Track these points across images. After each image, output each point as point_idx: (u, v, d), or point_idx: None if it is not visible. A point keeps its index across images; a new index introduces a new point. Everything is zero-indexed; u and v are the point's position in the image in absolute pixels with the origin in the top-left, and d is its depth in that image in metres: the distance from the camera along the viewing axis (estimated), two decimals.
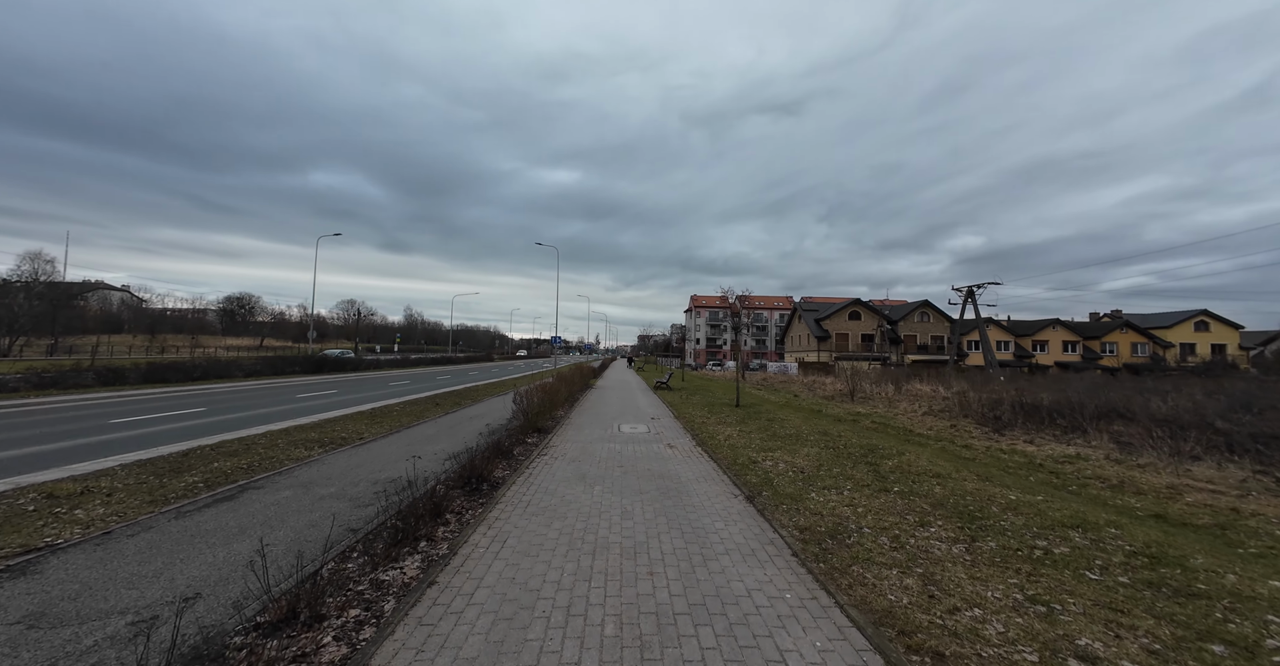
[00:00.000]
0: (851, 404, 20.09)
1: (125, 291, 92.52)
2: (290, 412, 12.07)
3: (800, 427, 10.45)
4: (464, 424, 10.81)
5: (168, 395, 15.22)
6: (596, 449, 7.98)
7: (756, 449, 8.03)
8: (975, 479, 6.28)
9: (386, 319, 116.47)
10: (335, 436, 8.68)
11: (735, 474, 6.39)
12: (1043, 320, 55.03)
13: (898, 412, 16.40)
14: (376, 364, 36.00)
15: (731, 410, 13.95)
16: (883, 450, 7.94)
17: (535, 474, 6.28)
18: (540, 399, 9.94)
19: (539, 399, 9.85)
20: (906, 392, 26.03)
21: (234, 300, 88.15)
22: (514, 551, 3.82)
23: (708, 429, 10.27)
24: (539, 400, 9.83)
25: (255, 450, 7.34)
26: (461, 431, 9.75)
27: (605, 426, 10.45)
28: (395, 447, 7.99)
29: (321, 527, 4.28)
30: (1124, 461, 8.21)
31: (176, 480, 5.64)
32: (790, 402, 18.49)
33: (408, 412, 12.24)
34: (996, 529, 4.40)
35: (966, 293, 34.39)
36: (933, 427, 12.17)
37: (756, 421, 11.44)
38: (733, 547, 3.96)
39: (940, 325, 57.36)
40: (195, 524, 4.30)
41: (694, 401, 16.47)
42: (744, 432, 9.74)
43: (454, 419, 11.55)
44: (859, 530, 4.32)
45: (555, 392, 12.54)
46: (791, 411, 14.50)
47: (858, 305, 57.72)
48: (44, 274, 71.57)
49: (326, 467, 6.49)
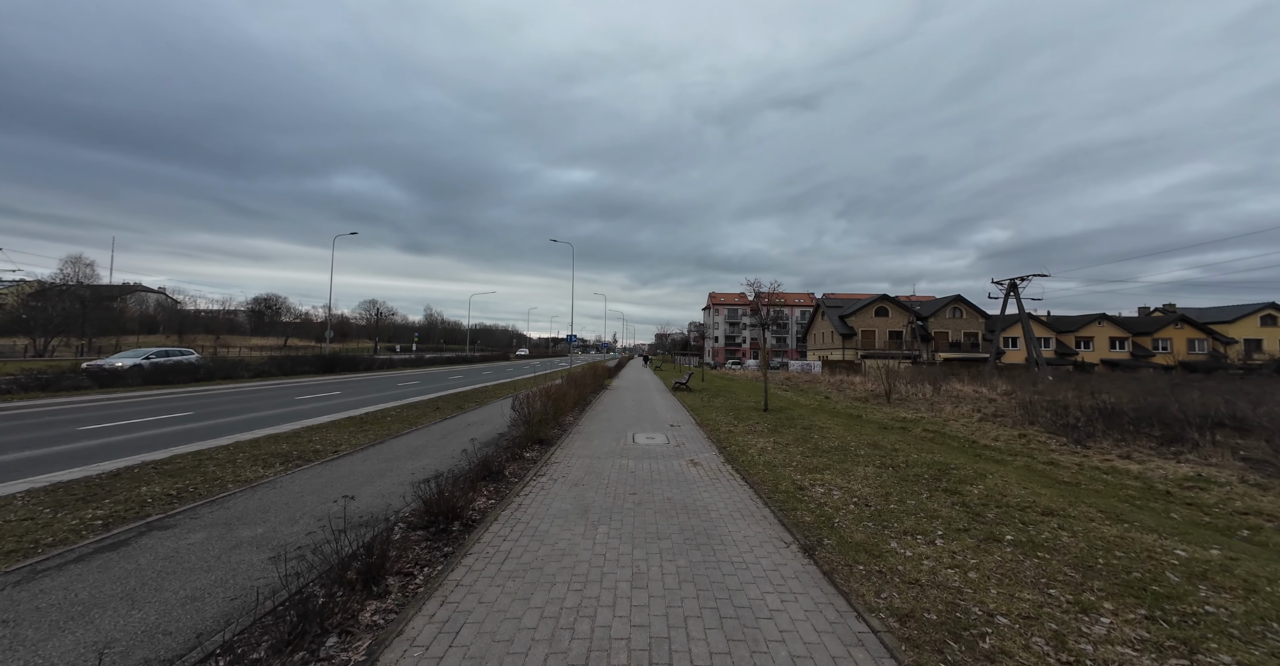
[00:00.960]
0: (890, 407, 18.35)
1: (161, 293, 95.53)
2: (281, 417, 11.08)
3: (844, 438, 8.94)
4: (459, 432, 9.61)
5: (161, 398, 14.49)
6: (605, 467, 6.65)
7: (799, 468, 6.58)
8: (1103, 517, 4.73)
9: (407, 319, 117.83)
10: (307, 449, 7.55)
11: (780, 506, 4.97)
12: (1087, 315, 51.69)
13: (947, 417, 14.67)
14: (390, 363, 35.46)
15: (760, 415, 12.47)
16: (957, 471, 6.40)
17: (526, 504, 4.97)
18: (544, 405, 8.66)
19: (541, 405, 8.56)
20: (947, 394, 24.05)
21: (261, 301, 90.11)
22: (465, 657, 2.51)
23: (736, 439, 8.85)
24: (542, 406, 8.55)
25: (204, 469, 6.23)
26: (454, 442, 8.54)
27: (618, 436, 9.11)
28: (369, 465, 6.80)
29: (205, 603, 3.03)
30: (1270, 486, 6.49)
31: (75, 513, 4.51)
32: (823, 406, 16.89)
33: (402, 418, 11.12)
34: (1215, 625, 2.87)
35: (1008, 286, 31.95)
36: (998, 438, 10.49)
37: (791, 430, 9.95)
38: (802, 654, 2.56)
39: (974, 321, 54.46)
40: (31, 596, 3.09)
41: (716, 405, 15.03)
42: (780, 445, 8.28)
43: (450, 426, 10.37)
44: (988, 619, 2.86)
45: (563, 396, 11.27)
46: (827, 416, 12.94)
47: (885, 301, 55.27)
48: (84, 277, 74.14)
49: (273, 494, 5.31)
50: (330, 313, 50.97)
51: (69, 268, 71.44)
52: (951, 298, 55.05)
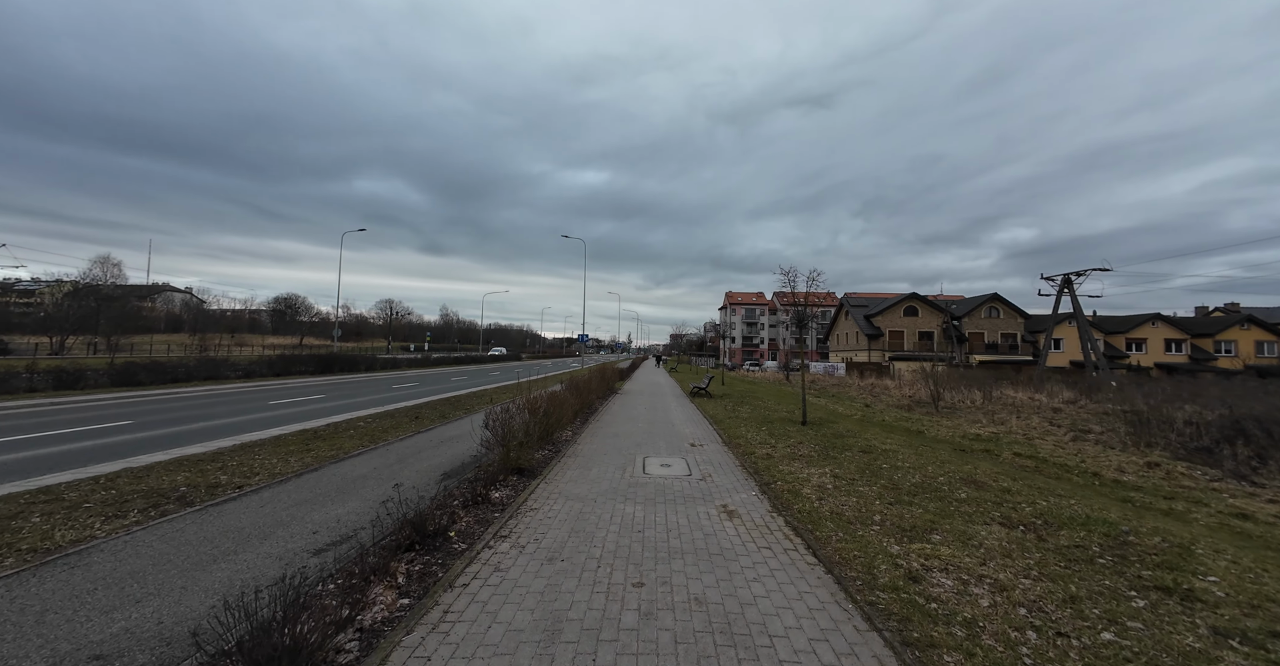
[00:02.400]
0: (942, 416, 15.91)
1: (187, 293, 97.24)
2: (231, 428, 9.31)
3: (923, 468, 6.71)
4: (425, 453, 7.65)
5: (112, 402, 12.93)
6: (601, 519, 4.58)
7: (889, 528, 4.41)
8: None
9: (422, 318, 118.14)
10: (210, 481, 5.65)
11: (898, 629, 2.83)
12: (1139, 315, 47.88)
13: (1022, 433, 12.21)
14: (394, 363, 34.04)
15: (799, 430, 10.25)
16: (1135, 540, 4.17)
17: (458, 610, 2.93)
18: (526, 424, 6.62)
19: (523, 424, 6.52)
20: (999, 401, 21.41)
21: (281, 301, 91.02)
22: None
23: (779, 469, 6.69)
24: (523, 426, 6.50)
25: (24, 520, 4.36)
26: (410, 469, 6.57)
27: (624, 461, 7.04)
28: (267, 512, 4.83)
29: None
30: None
31: None
32: (867, 416, 14.55)
33: (366, 432, 9.23)
34: None
35: (1062, 282, 28.91)
36: (1122, 468, 8.07)
37: (847, 453, 7.73)
38: None
39: (1012, 321, 51.03)
40: None
41: (743, 415, 12.84)
42: (842, 480, 6.10)
43: (419, 443, 8.42)
44: None
45: (561, 406, 9.24)
46: (880, 431, 10.66)
47: (914, 300, 52.25)
48: (113, 277, 75.35)
49: (72, 578, 3.39)
50: (338, 311, 50.10)
51: (97, 268, 72.70)
52: (987, 296, 51.72)
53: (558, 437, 9.00)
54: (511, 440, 6.21)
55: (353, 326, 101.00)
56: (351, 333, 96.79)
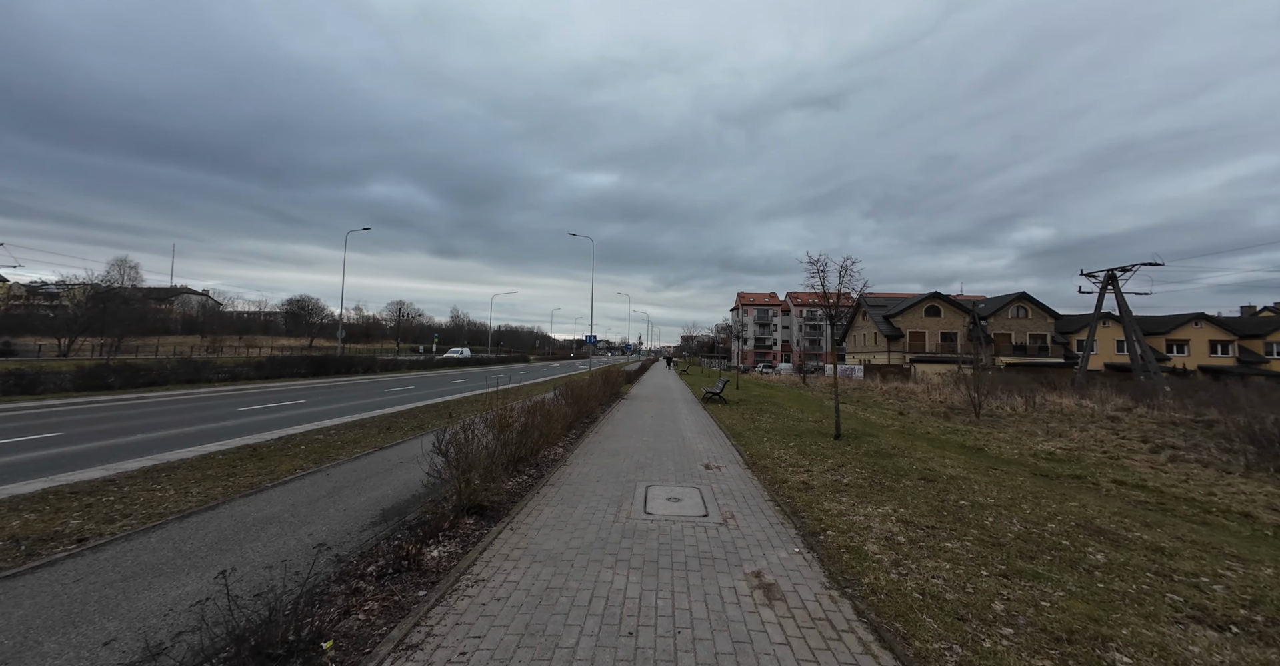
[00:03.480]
0: (986, 426, 14.07)
1: (204, 296, 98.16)
2: (173, 441, 7.93)
3: (1020, 508, 5.04)
4: (374, 479, 6.14)
5: (60, 409, 11.69)
6: (575, 604, 3.00)
7: (1027, 627, 2.78)
8: None
9: (432, 320, 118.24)
10: (51, 529, 4.19)
11: None
12: (1181, 315, 45.07)
13: (1104, 449, 10.36)
14: (394, 365, 32.88)
15: (833, 447, 8.58)
16: None
17: None
18: (491, 447, 5.07)
19: (485, 450, 4.96)
20: (1044, 408, 19.41)
21: (295, 303, 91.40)
22: None
23: (823, 507, 5.05)
24: (486, 451, 4.95)
25: None
26: (339, 507, 5.06)
27: (620, 493, 5.47)
28: (67, 598, 3.34)
29: None
30: None
31: None
32: (906, 427, 12.79)
33: (318, 448, 7.76)
34: None
35: (1106, 278, 26.66)
36: (1275, 504, 6.26)
37: (906, 481, 6.06)
38: None
39: (1041, 321, 48.51)
40: None
41: (764, 425, 11.18)
42: (917, 527, 4.45)
43: (372, 464, 6.93)
44: None
45: (549, 418, 7.71)
46: (931, 447, 8.96)
47: (937, 299, 49.96)
48: (130, 279, 75.99)
49: None
50: (342, 311, 49.34)
51: (114, 270, 73.31)
52: (1015, 295, 49.27)
53: (544, 456, 7.46)
54: (471, 470, 4.67)
55: (363, 328, 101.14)
56: (361, 334, 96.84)
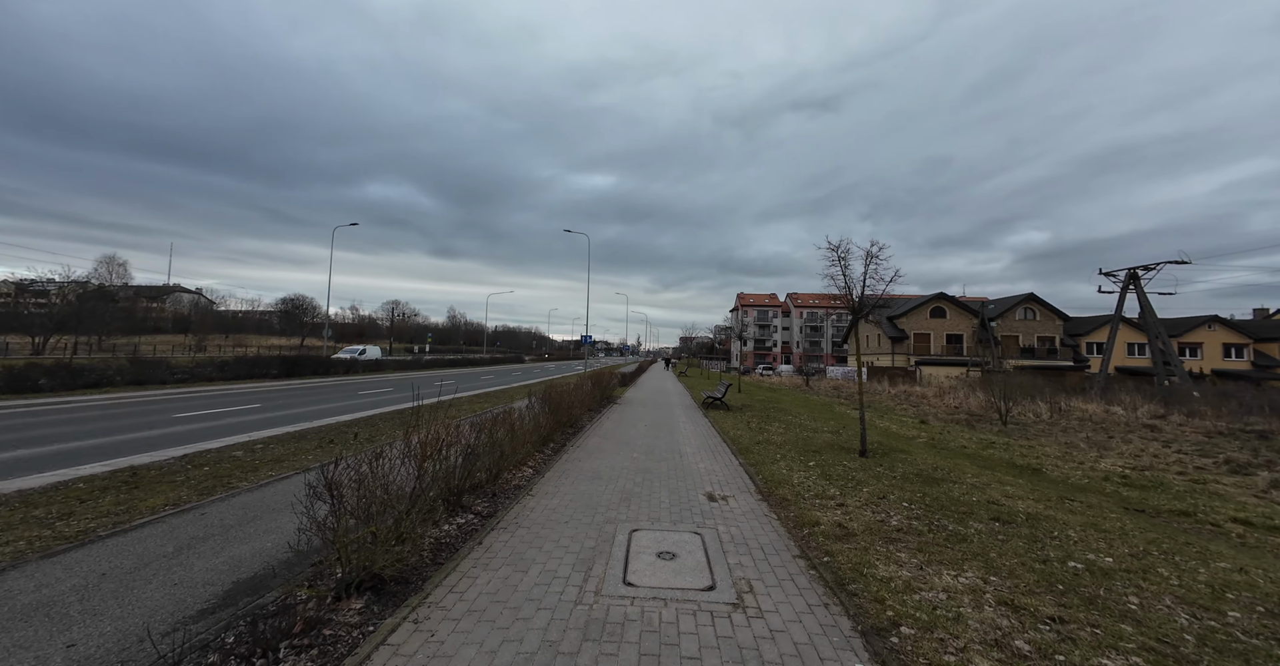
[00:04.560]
0: (1014, 436, 12.58)
1: (197, 294, 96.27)
2: (44, 460, 6.38)
3: (1157, 574, 3.55)
4: (252, 524, 4.57)
5: None
6: None
7: None
8: None
9: (428, 320, 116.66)
10: None
11: None
12: (1194, 318, 43.76)
13: (1177, 467, 8.86)
14: (376, 366, 31.27)
15: (862, 467, 7.06)
16: None
17: None
18: (408, 493, 3.52)
19: (390, 499, 3.40)
20: (1069, 415, 17.96)
21: (289, 302, 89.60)
22: None
23: (877, 572, 3.54)
24: (394, 500, 3.40)
25: None
26: (164, 581, 3.51)
27: (591, 547, 3.94)
28: None
29: None
30: None
31: None
32: (934, 439, 11.28)
33: (225, 471, 6.21)
34: None
35: (1127, 277, 25.23)
36: None
37: (975, 524, 4.55)
38: None
39: (1050, 323, 47.16)
40: None
41: (774, 437, 9.66)
42: (1030, 615, 2.94)
43: (271, 498, 5.36)
44: None
45: (513, 435, 6.18)
46: (977, 468, 7.47)
47: (942, 300, 48.57)
48: (118, 277, 74.05)
49: None
50: (329, 309, 47.75)
51: (102, 267, 71.46)
52: (1023, 296, 47.94)
53: (507, 481, 5.93)
54: (371, 522, 3.13)
55: (356, 328, 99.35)
56: (354, 334, 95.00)
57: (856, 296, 8.77)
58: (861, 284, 8.81)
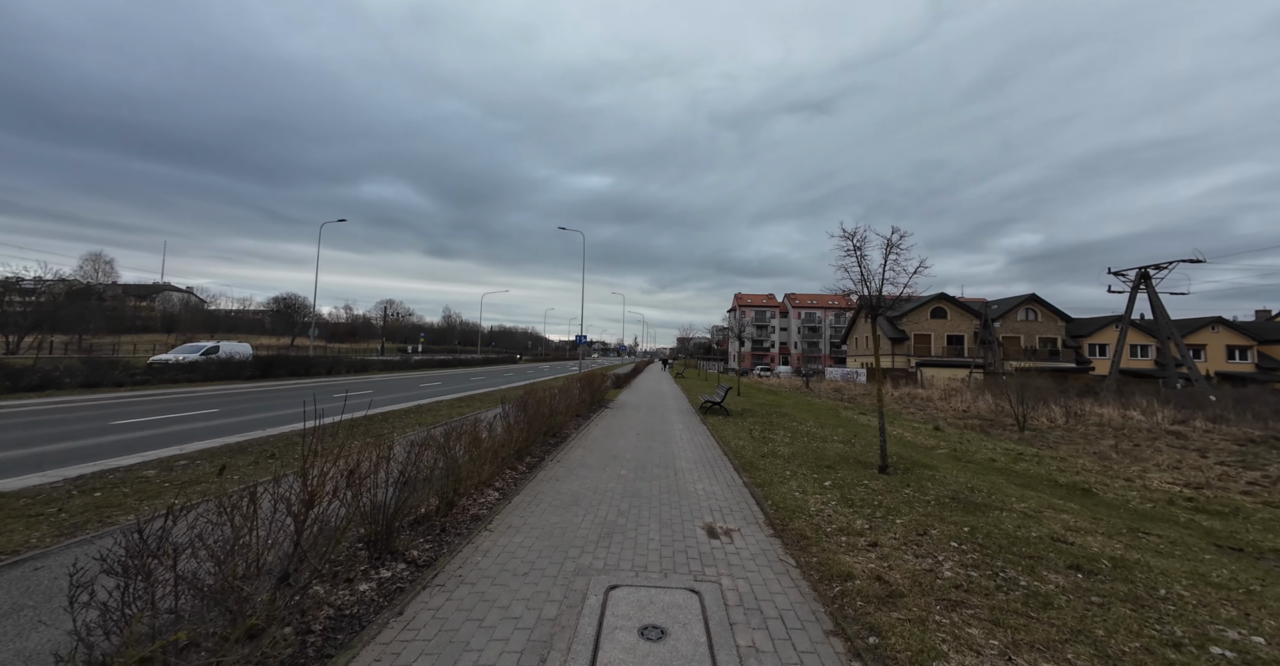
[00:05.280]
0: (1033, 443, 11.59)
1: (189, 293, 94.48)
2: None
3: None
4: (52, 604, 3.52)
5: None
6: None
7: None
8: None
9: (423, 319, 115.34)
10: None
11: None
12: (1198, 319, 43.15)
13: (1247, 490, 7.87)
14: (362, 366, 30.06)
15: (886, 488, 6.02)
16: None
17: None
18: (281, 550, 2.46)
19: (258, 553, 2.34)
20: (1085, 420, 17.03)
21: (281, 301, 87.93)
22: None
23: (941, 655, 2.51)
24: (258, 557, 2.34)
25: None
26: None
27: (551, 619, 2.87)
28: None
29: None
30: None
31: None
32: (955, 450, 10.27)
33: (93, 505, 5.11)
34: None
35: (1138, 277, 24.38)
36: None
37: (1051, 573, 3.52)
38: None
39: (1052, 324, 46.43)
40: None
41: (780, 448, 8.61)
42: None
43: None
44: None
45: (479, 451, 5.11)
46: (1017, 488, 6.46)
47: (943, 300, 47.75)
48: (105, 274, 72.22)
49: None
50: (315, 306, 46.46)
51: (88, 264, 69.72)
52: (1024, 297, 47.20)
53: (463, 511, 4.86)
54: (183, 630, 2.06)
55: (348, 327, 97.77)
56: (347, 333, 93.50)
57: (874, 291, 7.74)
58: (880, 277, 7.79)
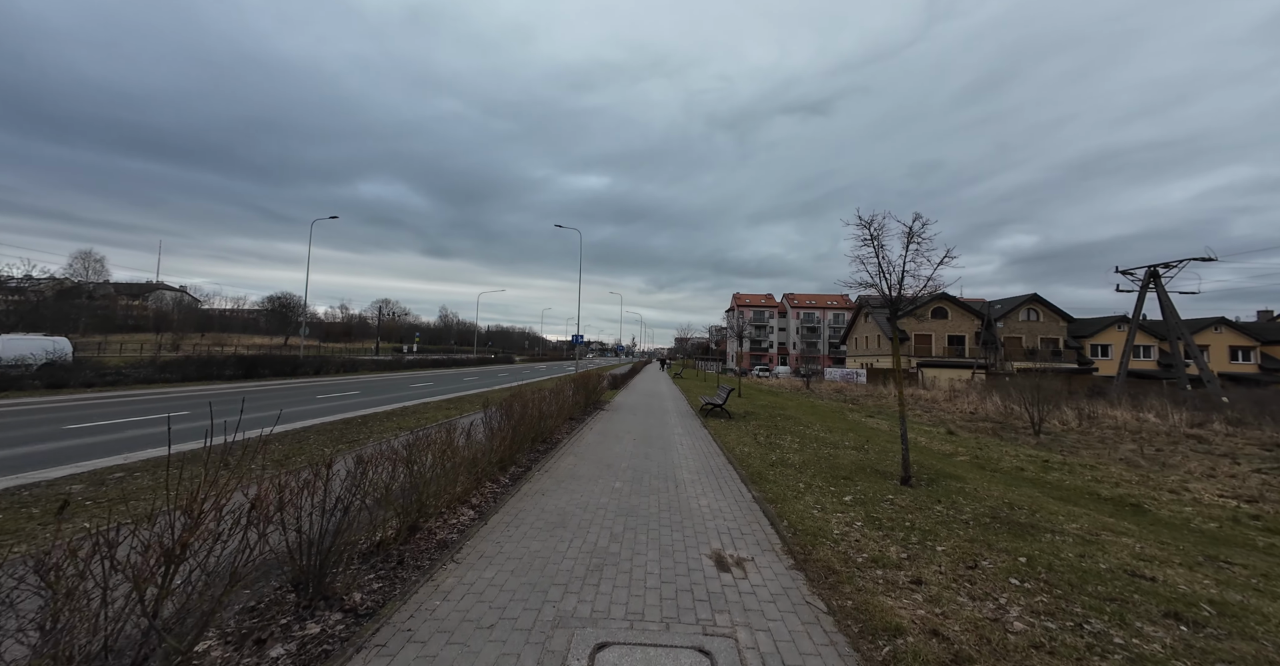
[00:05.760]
0: (1052, 448, 10.94)
1: (182, 292, 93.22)
2: None
3: None
4: None
5: None
6: None
7: None
8: None
9: (419, 319, 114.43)
10: None
11: None
12: (1201, 319, 42.69)
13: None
14: (353, 366, 29.26)
15: (915, 503, 5.34)
16: None
17: None
18: None
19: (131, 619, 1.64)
20: (1100, 423, 16.41)
21: (276, 300, 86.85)
22: None
23: None
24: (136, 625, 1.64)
25: None
26: None
27: None
28: None
29: None
30: None
31: None
32: (975, 457, 9.61)
33: (6, 527, 4.41)
34: None
35: (1147, 275, 23.83)
36: None
37: (1146, 624, 2.86)
38: None
39: (1054, 325, 45.94)
40: None
41: (790, 456, 7.92)
42: None
43: None
44: None
45: (450, 464, 4.40)
46: (1059, 504, 5.79)
47: (944, 300, 47.18)
48: (94, 273, 71.03)
49: None
50: (306, 305, 45.56)
51: (78, 263, 68.49)
52: (1026, 297, 46.71)
53: (430, 533, 4.14)
54: None
55: (343, 327, 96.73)
56: (342, 333, 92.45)
57: (894, 285, 7.08)
58: (901, 269, 7.13)
